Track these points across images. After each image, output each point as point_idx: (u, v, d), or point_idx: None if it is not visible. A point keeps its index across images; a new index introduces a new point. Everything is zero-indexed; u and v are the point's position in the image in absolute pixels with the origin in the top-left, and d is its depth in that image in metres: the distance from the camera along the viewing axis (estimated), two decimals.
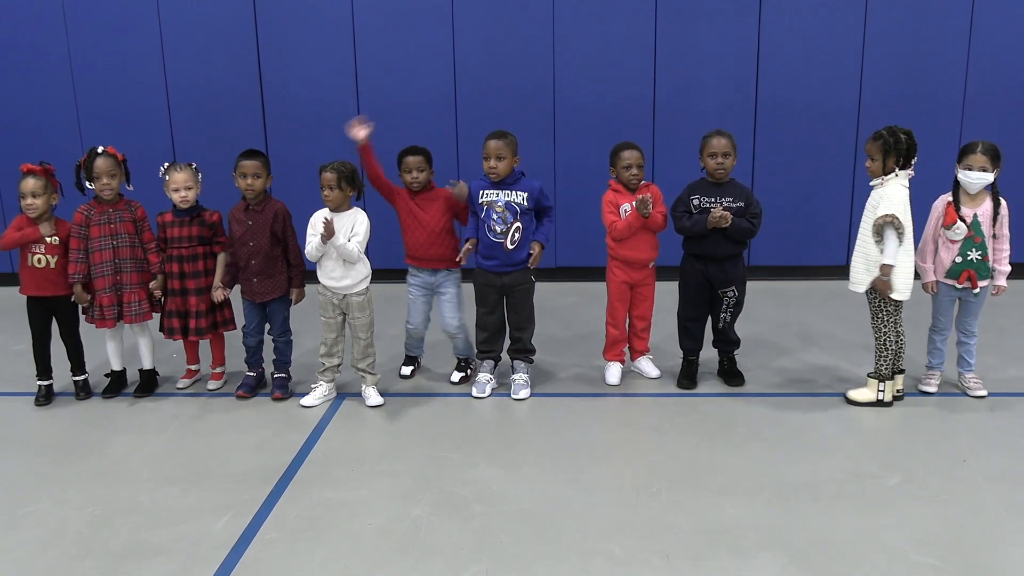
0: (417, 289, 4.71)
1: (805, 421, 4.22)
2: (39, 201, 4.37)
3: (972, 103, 6.38)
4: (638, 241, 4.52)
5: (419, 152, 4.54)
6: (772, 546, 3.14)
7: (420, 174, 4.52)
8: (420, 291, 4.71)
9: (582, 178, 6.55)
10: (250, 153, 4.45)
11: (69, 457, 3.97)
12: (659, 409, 4.40)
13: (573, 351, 5.22)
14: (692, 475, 3.67)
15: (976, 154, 4.16)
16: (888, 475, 3.64)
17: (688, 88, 6.48)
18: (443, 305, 4.70)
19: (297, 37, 6.51)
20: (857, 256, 4.24)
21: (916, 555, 3.07)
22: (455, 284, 4.69)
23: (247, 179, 4.39)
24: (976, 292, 4.30)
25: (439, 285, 4.68)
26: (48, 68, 6.58)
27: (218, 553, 3.16)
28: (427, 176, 4.56)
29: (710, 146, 4.39)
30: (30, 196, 4.35)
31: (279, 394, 4.56)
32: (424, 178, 4.54)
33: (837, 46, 6.36)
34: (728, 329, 4.64)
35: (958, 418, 4.21)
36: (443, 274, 4.66)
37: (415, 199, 4.57)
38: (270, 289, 4.50)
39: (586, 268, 6.65)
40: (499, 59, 6.49)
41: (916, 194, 4.15)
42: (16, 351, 5.20)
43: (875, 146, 4.14)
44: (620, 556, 3.10)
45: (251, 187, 4.40)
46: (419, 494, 3.56)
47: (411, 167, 4.53)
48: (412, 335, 4.80)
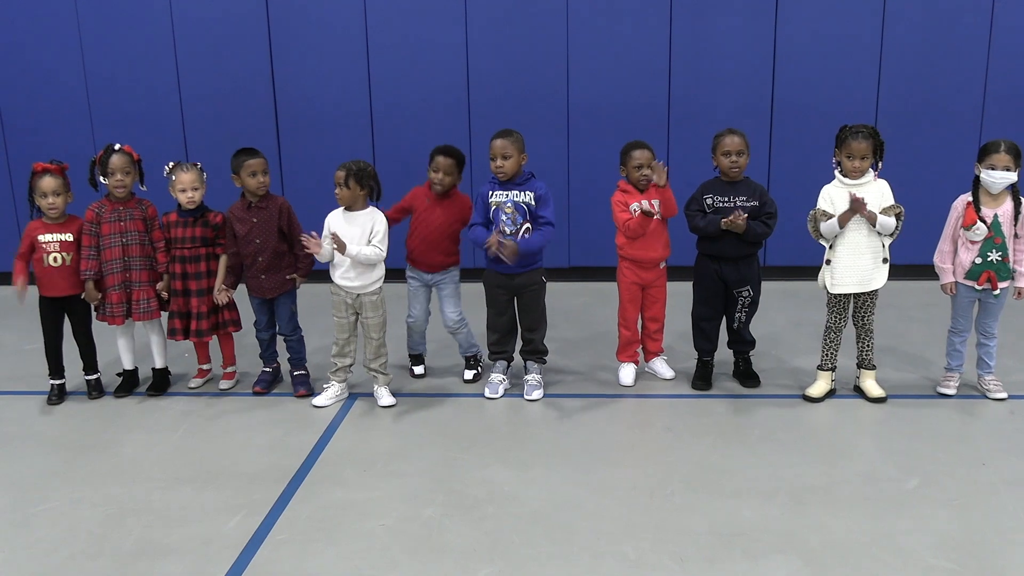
0: (416, 282, 4.71)
1: (821, 423, 4.18)
2: (59, 200, 4.38)
3: (991, 105, 6.30)
4: (650, 240, 4.48)
5: (452, 155, 4.48)
6: (787, 549, 3.11)
7: (447, 178, 4.49)
8: (418, 283, 4.70)
9: (595, 178, 6.52)
10: (251, 151, 4.44)
11: (81, 456, 3.97)
12: (673, 410, 4.37)
13: (586, 352, 5.19)
14: (706, 477, 3.64)
15: (1000, 153, 4.11)
16: (905, 478, 3.59)
17: (703, 88, 6.43)
18: (442, 301, 4.68)
19: (309, 37, 6.51)
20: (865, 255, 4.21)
21: (933, 559, 3.03)
22: (452, 281, 4.67)
23: (257, 177, 4.39)
24: (996, 293, 4.24)
25: (437, 282, 4.67)
26: (61, 68, 6.60)
27: (230, 553, 3.15)
28: (452, 181, 4.52)
29: (723, 144, 4.35)
30: (51, 195, 4.36)
31: (303, 391, 4.56)
32: (449, 183, 4.50)
33: (854, 47, 6.30)
34: (743, 329, 4.60)
35: (977, 420, 4.17)
36: (441, 274, 4.65)
37: (431, 200, 4.55)
38: (279, 284, 4.51)
39: (598, 268, 6.61)
40: (513, 58, 6.46)
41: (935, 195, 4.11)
42: (28, 350, 5.22)
43: (869, 146, 4.12)
44: (633, 558, 3.07)
45: (264, 184, 4.42)
46: (431, 495, 3.54)
47: (440, 167, 4.48)
48: (413, 329, 4.78)
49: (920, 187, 5.87)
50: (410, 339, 4.84)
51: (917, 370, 4.78)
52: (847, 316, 4.37)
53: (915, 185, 5.64)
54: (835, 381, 4.47)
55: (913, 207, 4.26)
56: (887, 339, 5.09)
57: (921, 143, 6.33)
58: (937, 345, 4.59)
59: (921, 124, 6.36)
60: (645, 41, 6.38)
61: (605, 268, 6.45)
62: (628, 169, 4.46)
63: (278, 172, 6.65)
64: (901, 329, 5.43)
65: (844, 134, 4.16)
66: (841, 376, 4.52)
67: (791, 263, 6.49)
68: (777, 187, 6.12)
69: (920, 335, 5.32)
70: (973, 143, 5.42)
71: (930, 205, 4.71)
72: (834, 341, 4.40)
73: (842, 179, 4.19)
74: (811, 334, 5.22)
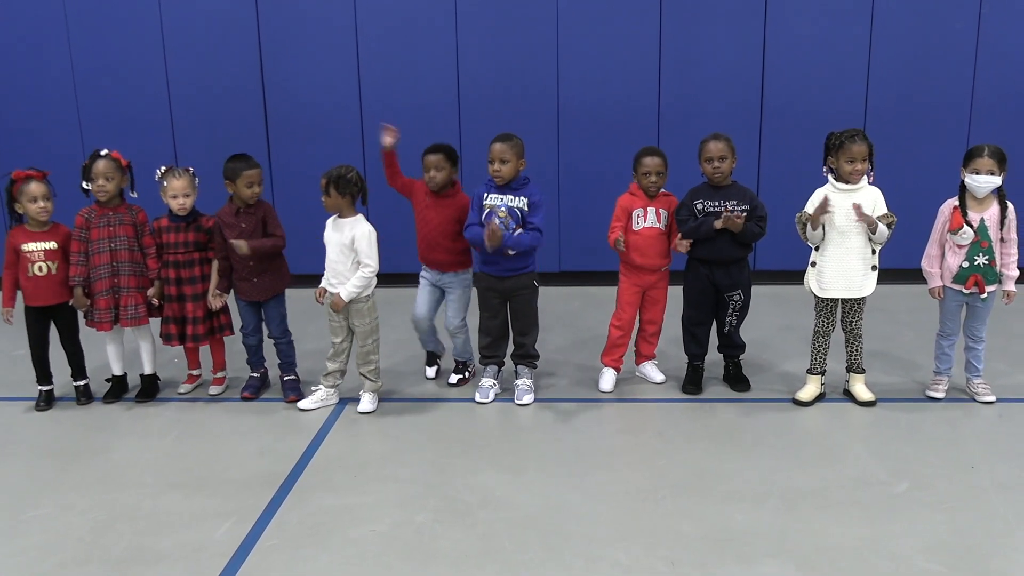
0: (425, 281, 4.72)
1: (811, 427, 4.19)
2: (49, 204, 4.36)
3: (979, 107, 6.35)
4: (646, 249, 4.51)
5: (439, 151, 4.49)
6: (779, 553, 3.11)
7: (438, 173, 4.49)
8: (427, 283, 4.72)
9: (586, 182, 6.53)
10: (249, 159, 4.43)
11: (70, 462, 3.95)
12: (664, 415, 4.38)
13: (577, 356, 5.19)
14: (698, 481, 3.65)
15: (983, 158, 4.14)
16: (896, 481, 3.61)
17: (693, 91, 6.45)
18: (447, 304, 4.69)
19: (300, 40, 6.49)
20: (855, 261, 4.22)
21: (924, 562, 3.05)
22: (461, 285, 4.66)
23: (253, 187, 4.40)
24: (984, 297, 4.27)
25: (446, 284, 4.67)
26: (49, 72, 6.56)
27: (220, 560, 3.14)
28: (445, 176, 4.50)
29: (707, 151, 4.37)
30: (42, 199, 4.32)
31: (293, 397, 4.55)
32: (441, 178, 4.49)
33: (843, 50, 6.34)
34: (733, 333, 4.61)
35: (966, 424, 4.19)
36: (450, 276, 4.64)
37: (429, 198, 4.56)
38: (271, 285, 4.51)
39: (590, 272, 6.62)
40: (503, 62, 6.47)
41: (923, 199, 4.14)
42: (16, 356, 5.18)
43: (866, 148, 4.14)
44: (625, 563, 3.07)
45: (257, 194, 4.43)
46: (422, 500, 3.53)
47: (429, 166, 4.49)
48: (417, 326, 4.77)
49: (908, 191, 5.89)
50: (418, 335, 4.84)
51: (906, 374, 4.80)
52: (835, 320, 4.39)
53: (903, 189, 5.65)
54: (825, 385, 4.49)
55: (901, 211, 4.28)
56: (876, 343, 5.11)
57: (909, 147, 6.37)
58: (926, 349, 4.61)
59: (909, 128, 6.40)
60: (635, 44, 6.40)
61: (597, 272, 6.49)
62: (638, 175, 4.48)
63: (268, 175, 6.59)
64: (890, 333, 5.45)
65: (839, 140, 4.16)
66: (831, 380, 4.54)
67: (781, 267, 6.50)
68: (767, 191, 6.13)
69: (909, 339, 5.34)
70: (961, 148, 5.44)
71: (918, 209, 4.73)
72: (823, 345, 4.41)
73: (837, 184, 4.20)
74: (801, 338, 5.22)
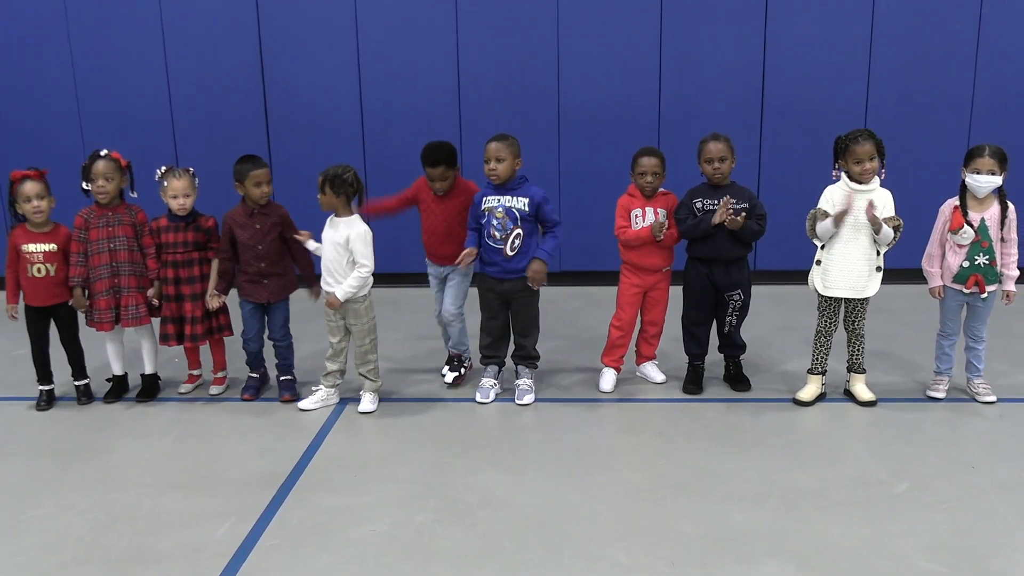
0: (433, 279, 4.75)
1: (812, 427, 4.19)
2: (43, 203, 4.35)
3: (979, 107, 6.35)
4: (649, 249, 4.50)
5: (437, 162, 4.44)
6: (779, 553, 3.11)
7: (443, 183, 4.50)
8: (436, 280, 4.74)
9: (587, 182, 6.53)
10: (256, 160, 4.43)
11: (71, 462, 3.95)
12: (664, 415, 4.37)
13: (578, 356, 5.19)
14: (698, 481, 3.64)
15: (984, 157, 4.13)
16: (896, 481, 3.61)
17: (693, 91, 6.45)
18: (446, 291, 4.70)
19: (300, 40, 6.50)
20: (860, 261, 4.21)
21: (924, 562, 3.04)
22: (461, 273, 4.66)
23: (262, 187, 4.40)
24: (984, 297, 4.26)
25: (448, 275, 4.68)
26: (50, 72, 6.57)
27: (220, 560, 3.14)
28: (450, 181, 4.52)
29: (706, 151, 4.37)
30: (35, 199, 4.32)
31: (288, 396, 4.55)
32: (446, 186, 4.51)
33: (843, 50, 6.34)
34: (734, 333, 4.61)
35: (967, 424, 4.18)
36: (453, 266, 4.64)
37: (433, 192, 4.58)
38: (281, 288, 4.51)
39: (591, 272, 6.62)
40: (503, 62, 6.47)
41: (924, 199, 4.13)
42: (16, 356, 5.18)
43: (872, 146, 4.12)
44: (625, 563, 3.07)
45: (267, 194, 4.43)
46: (423, 500, 3.53)
47: (433, 178, 4.50)
48: (448, 324, 4.76)
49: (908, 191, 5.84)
50: (446, 335, 4.85)
51: (907, 374, 4.80)
52: (838, 320, 4.39)
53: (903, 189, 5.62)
54: (825, 385, 4.48)
55: (902, 211, 4.27)
56: (877, 343, 5.11)
57: (909, 147, 6.35)
58: (927, 349, 4.60)
59: (909, 128, 6.40)
60: (635, 44, 6.40)
61: (597, 272, 6.48)
62: (634, 175, 4.48)
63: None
64: (891, 333, 5.45)
65: (844, 143, 4.15)
66: (831, 380, 4.54)
67: (781, 267, 6.50)
68: (767, 191, 6.14)
69: (910, 339, 5.34)
70: (961, 147, 5.44)
71: (918, 209, 4.72)
72: (824, 345, 4.41)
73: (850, 184, 4.18)
74: (801, 338, 5.24)
